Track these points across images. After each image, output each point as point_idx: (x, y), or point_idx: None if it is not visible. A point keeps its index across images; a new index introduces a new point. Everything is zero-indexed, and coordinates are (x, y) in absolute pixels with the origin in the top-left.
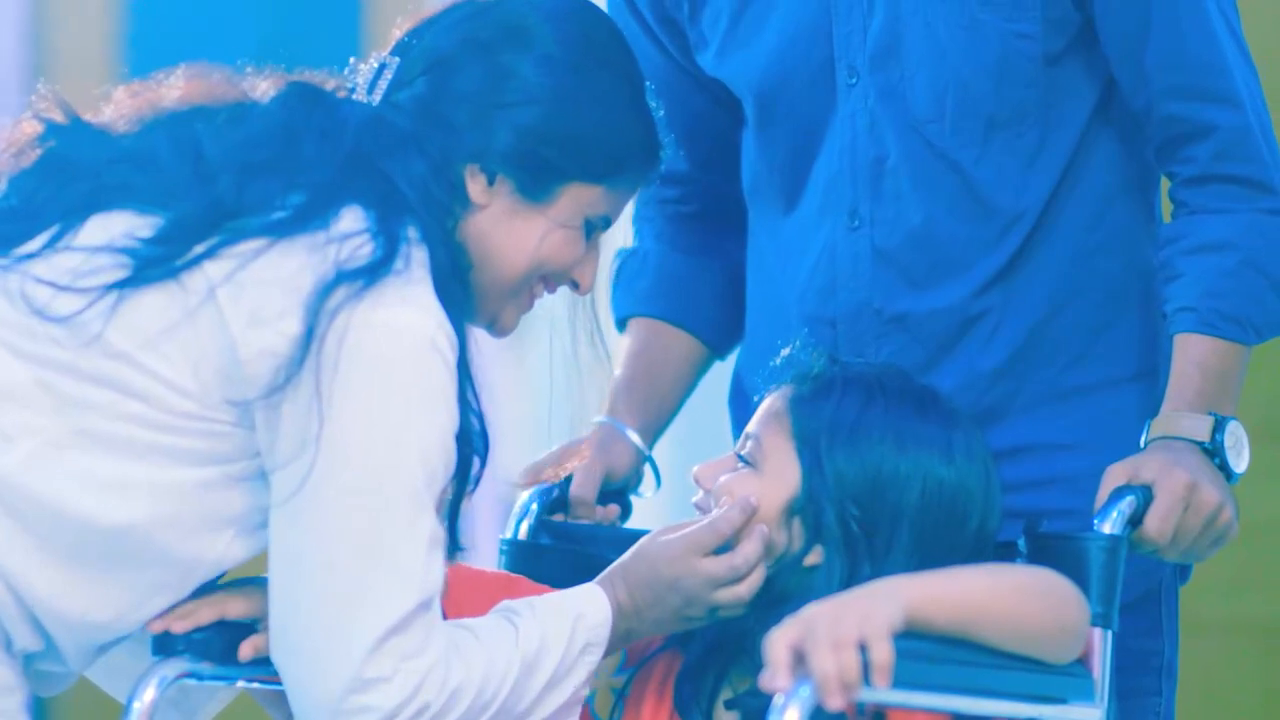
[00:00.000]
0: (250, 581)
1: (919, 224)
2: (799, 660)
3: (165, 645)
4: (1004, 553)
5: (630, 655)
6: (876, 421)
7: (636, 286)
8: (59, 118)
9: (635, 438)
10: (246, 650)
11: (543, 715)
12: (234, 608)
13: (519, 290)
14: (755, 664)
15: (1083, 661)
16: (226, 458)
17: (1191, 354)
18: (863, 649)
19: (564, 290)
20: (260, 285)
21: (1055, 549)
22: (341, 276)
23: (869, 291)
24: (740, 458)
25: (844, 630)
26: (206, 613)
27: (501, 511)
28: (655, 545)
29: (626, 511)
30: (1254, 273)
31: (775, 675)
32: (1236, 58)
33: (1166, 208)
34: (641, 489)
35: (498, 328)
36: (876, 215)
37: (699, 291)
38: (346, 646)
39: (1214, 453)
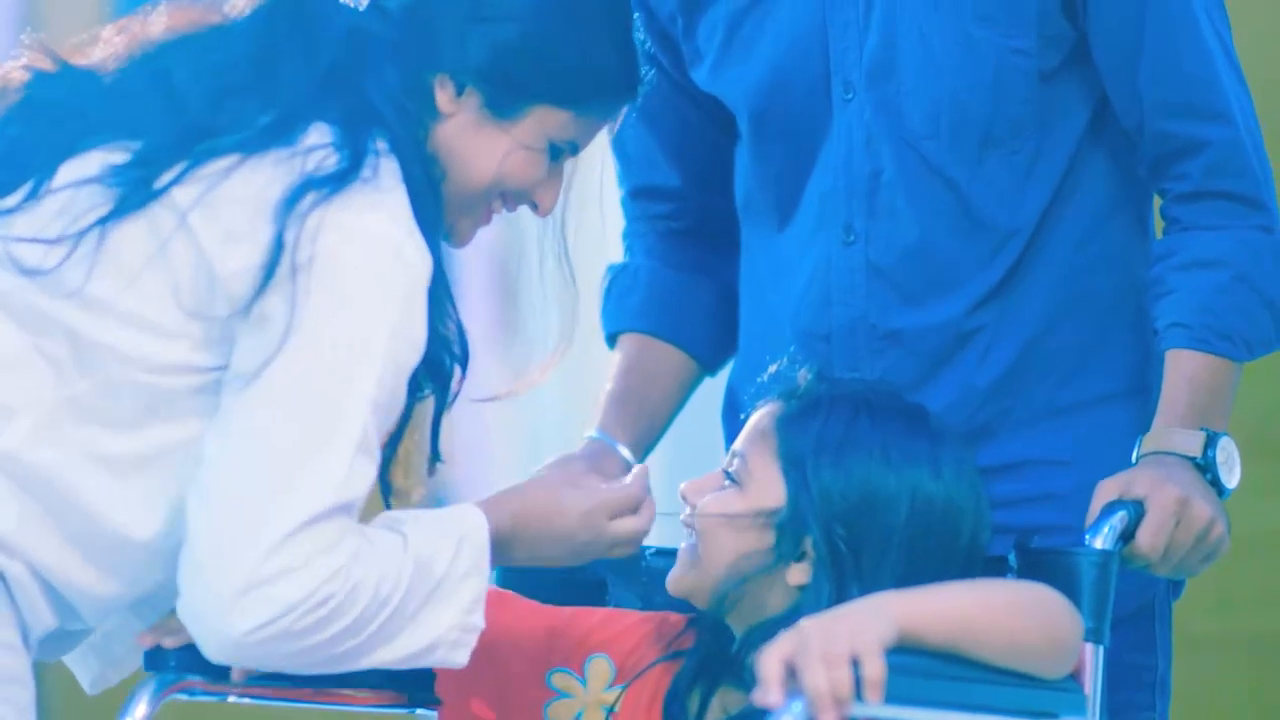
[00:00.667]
0: None
1: (914, 240)
2: (791, 676)
3: (156, 660)
4: (995, 568)
5: (622, 672)
6: (863, 439)
7: (627, 302)
8: (47, 65)
9: (626, 453)
10: (239, 670)
11: (435, 632)
12: None
13: (477, 204)
14: (744, 682)
15: (1075, 676)
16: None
17: (1183, 370)
18: (855, 664)
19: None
20: (231, 204)
21: (1047, 564)
22: (308, 184)
23: (864, 307)
24: (727, 475)
25: (836, 645)
26: None
27: None
28: (551, 496)
29: None
30: (1246, 289)
31: (768, 691)
32: (1229, 74)
33: (1158, 225)
34: None
35: (454, 239)
36: (871, 231)
37: (690, 308)
38: (263, 531)
39: (1206, 468)
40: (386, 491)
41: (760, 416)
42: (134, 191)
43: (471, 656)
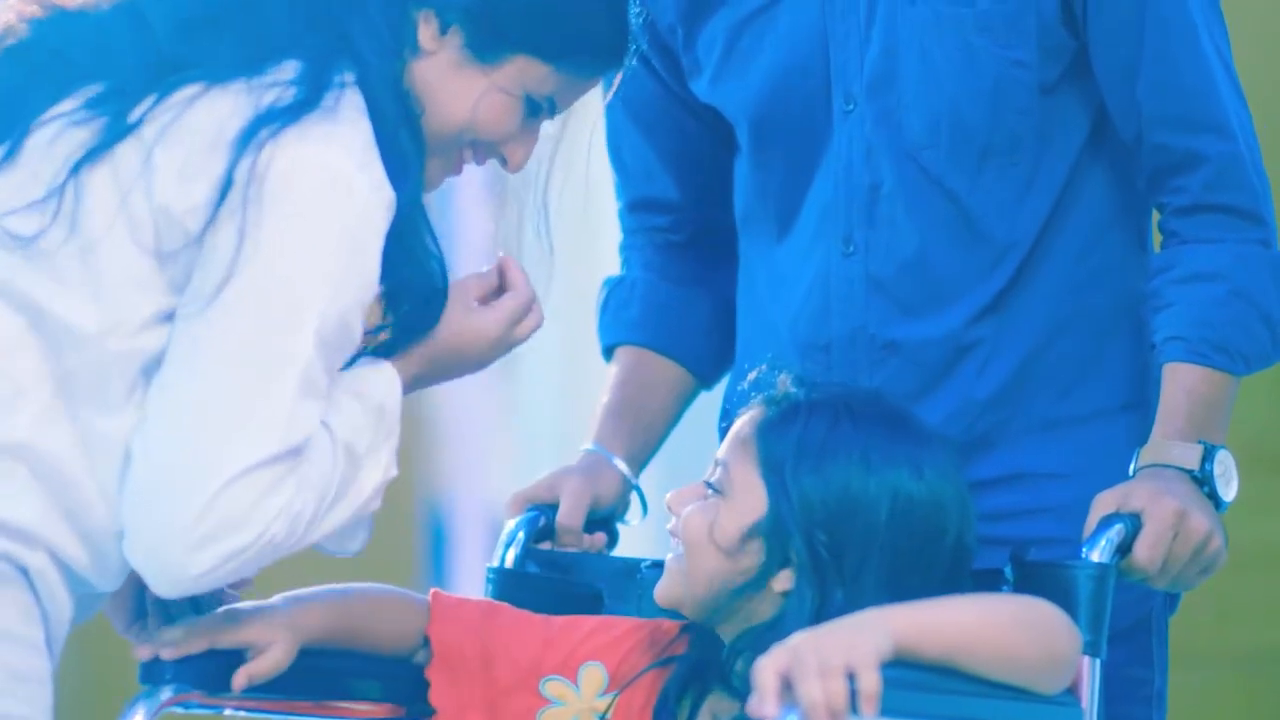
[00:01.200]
0: (241, 611)
1: (913, 251)
2: (787, 688)
3: (153, 673)
4: (990, 580)
5: (614, 679)
6: (843, 444)
7: (624, 315)
8: (37, 11)
9: (622, 465)
10: (240, 680)
11: (359, 502)
12: (225, 638)
13: (447, 148)
14: (734, 689)
15: (1072, 690)
16: None
17: (1181, 382)
18: (851, 677)
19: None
20: (191, 135)
21: (1043, 577)
22: (263, 118)
23: (863, 318)
24: (709, 485)
25: (831, 658)
26: (197, 643)
27: (489, 539)
28: (456, 330)
29: (613, 539)
30: (1244, 303)
31: (763, 703)
32: (1228, 88)
33: (1156, 240)
34: (628, 517)
35: (422, 184)
36: (871, 242)
37: (687, 321)
38: (207, 479)
39: (1203, 481)
40: None
41: (741, 424)
42: (113, 124)
43: (466, 666)
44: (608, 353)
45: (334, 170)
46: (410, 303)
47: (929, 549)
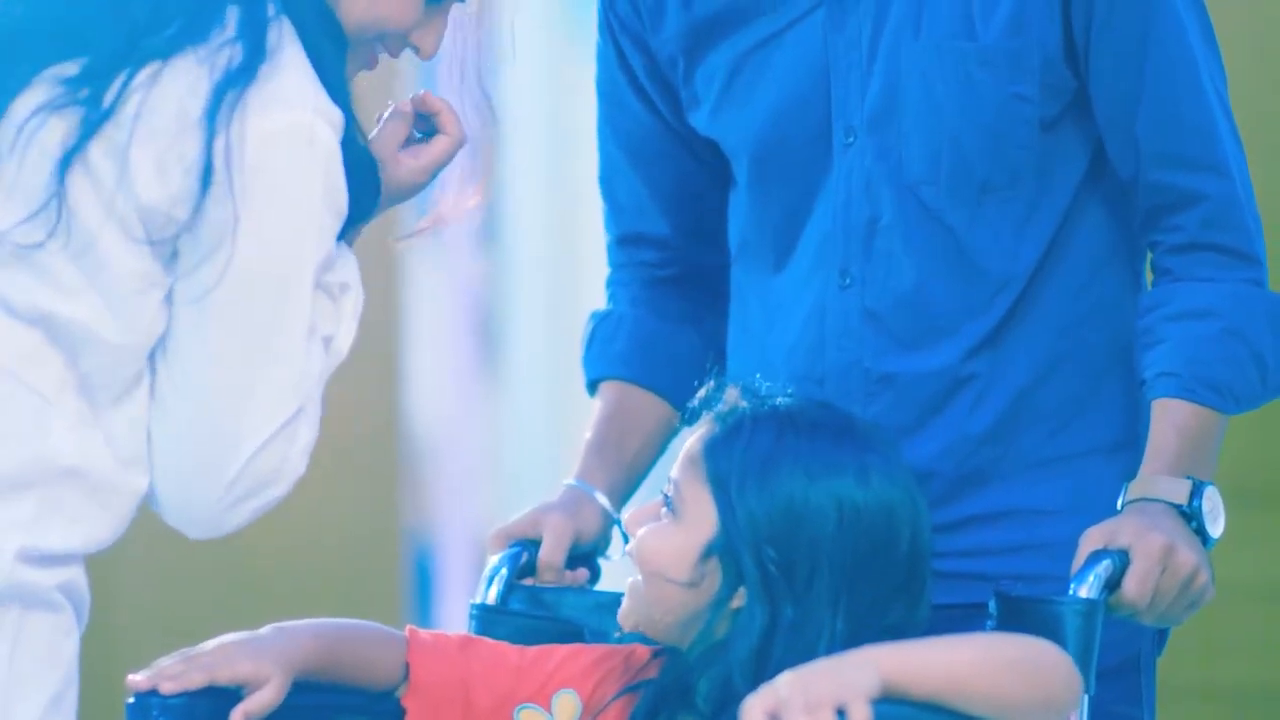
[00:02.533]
0: (234, 645)
1: (910, 285)
2: None
3: (141, 711)
4: (975, 615)
5: (588, 706)
6: (787, 457)
7: (609, 350)
8: None
9: (604, 500)
10: (237, 718)
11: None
12: (223, 674)
13: (357, 47)
14: (699, 711)
15: None
16: None
17: (1172, 419)
18: (841, 714)
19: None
20: (158, 123)
21: (1030, 613)
22: (221, 88)
23: (858, 351)
24: (666, 500)
25: (820, 694)
26: (197, 677)
27: (475, 572)
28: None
29: (595, 574)
30: (1237, 342)
31: None
32: (1226, 128)
33: (1149, 279)
34: (610, 552)
35: None
36: (868, 275)
37: (673, 356)
38: (235, 453)
39: (1191, 516)
40: None
41: (691, 442)
42: (89, 113)
43: (444, 693)
44: (592, 387)
45: (299, 128)
46: (353, 192)
47: (881, 557)
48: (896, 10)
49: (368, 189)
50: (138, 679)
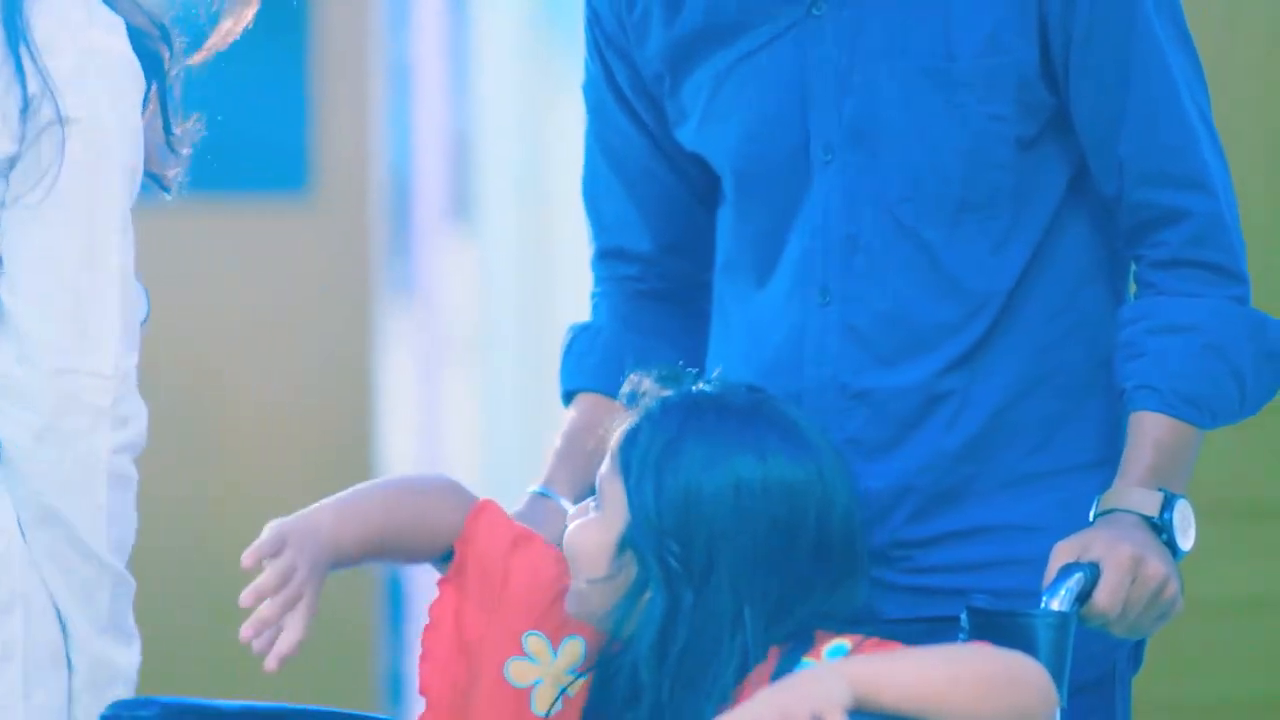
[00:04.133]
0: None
1: (889, 302)
2: None
3: None
4: (951, 629)
5: (589, 659)
6: (688, 442)
7: (584, 363)
8: None
9: (569, 508)
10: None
11: None
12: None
13: None
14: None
15: None
16: None
17: (1148, 432)
18: None
19: None
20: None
21: (1002, 626)
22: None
23: (835, 367)
24: (594, 498)
25: (794, 710)
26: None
27: None
28: None
29: None
30: (1217, 358)
31: None
32: (1209, 145)
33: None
34: None
35: None
36: (847, 292)
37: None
38: (92, 352)
39: (1161, 529)
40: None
41: (615, 435)
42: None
43: (485, 577)
44: (566, 398)
45: (100, 51)
46: (144, 63)
47: (784, 538)
48: (871, 28)
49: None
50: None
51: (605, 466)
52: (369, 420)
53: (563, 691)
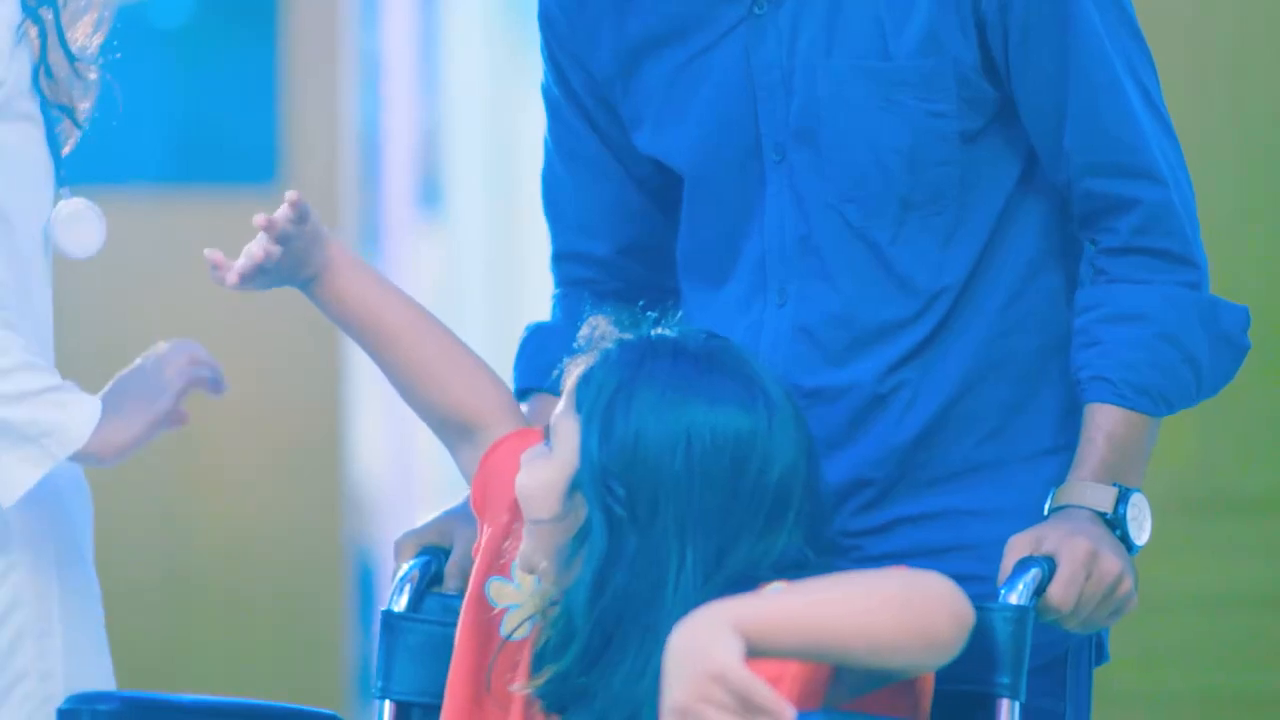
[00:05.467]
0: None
1: (840, 302)
2: None
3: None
4: None
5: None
6: (639, 388)
7: (538, 361)
8: None
9: None
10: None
11: None
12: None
13: None
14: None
15: None
16: None
17: (1101, 424)
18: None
19: None
20: None
21: None
22: None
23: (788, 367)
24: (546, 437)
25: (708, 689)
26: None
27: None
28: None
29: None
30: (1169, 346)
31: None
32: (1157, 131)
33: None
34: None
35: None
36: (801, 293)
37: None
38: None
39: (1115, 524)
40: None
41: (572, 375)
42: None
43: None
44: (521, 395)
45: None
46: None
47: (729, 485)
48: (808, 29)
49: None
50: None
51: (560, 406)
52: (338, 411)
53: (534, 619)
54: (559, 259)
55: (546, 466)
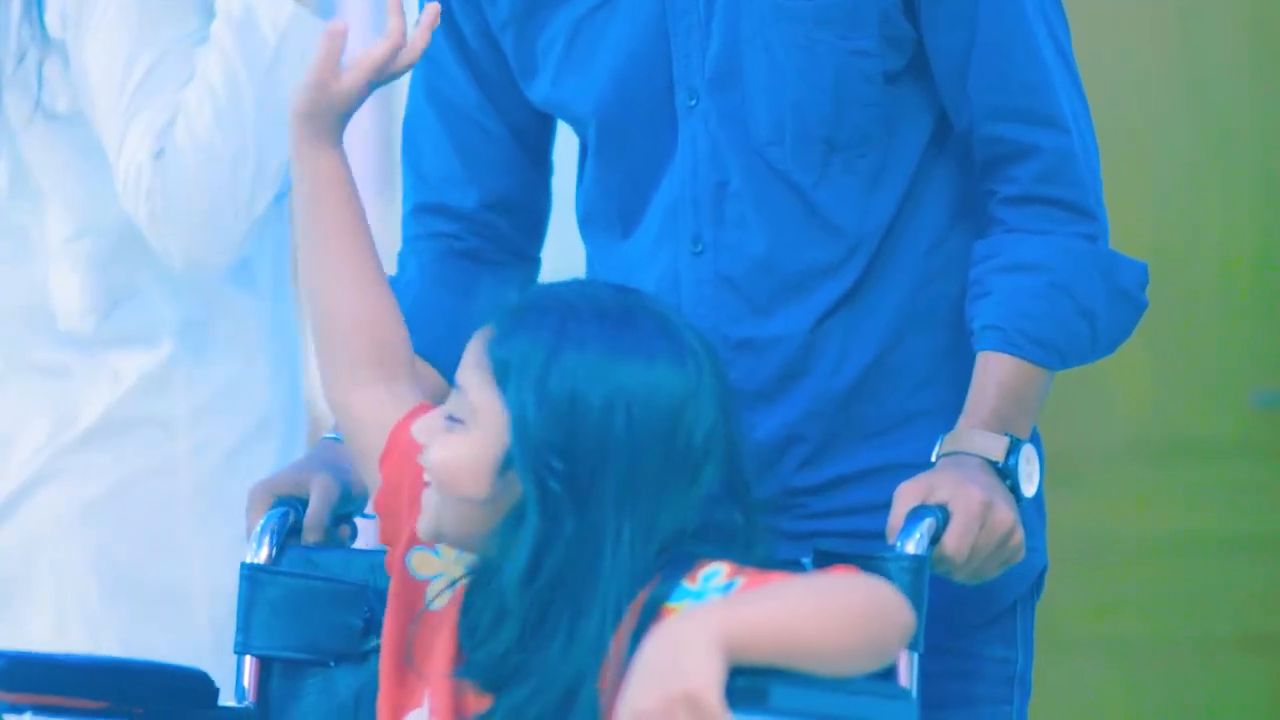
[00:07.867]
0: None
1: (763, 249)
2: None
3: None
4: (789, 571)
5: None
6: (568, 351)
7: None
8: None
9: None
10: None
11: None
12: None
13: None
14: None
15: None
16: None
17: (993, 373)
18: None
19: None
20: None
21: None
22: None
23: (713, 318)
24: (450, 417)
25: (673, 709)
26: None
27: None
28: None
29: (353, 534)
30: (1064, 297)
31: None
32: (1064, 80)
33: None
34: (368, 509)
35: None
36: (720, 240)
37: (454, 329)
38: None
39: (1006, 474)
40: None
41: (474, 342)
42: None
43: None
44: None
45: None
46: None
47: (666, 449)
48: None
49: None
50: None
51: (472, 377)
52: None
53: (453, 584)
54: (418, 211)
55: (468, 443)
